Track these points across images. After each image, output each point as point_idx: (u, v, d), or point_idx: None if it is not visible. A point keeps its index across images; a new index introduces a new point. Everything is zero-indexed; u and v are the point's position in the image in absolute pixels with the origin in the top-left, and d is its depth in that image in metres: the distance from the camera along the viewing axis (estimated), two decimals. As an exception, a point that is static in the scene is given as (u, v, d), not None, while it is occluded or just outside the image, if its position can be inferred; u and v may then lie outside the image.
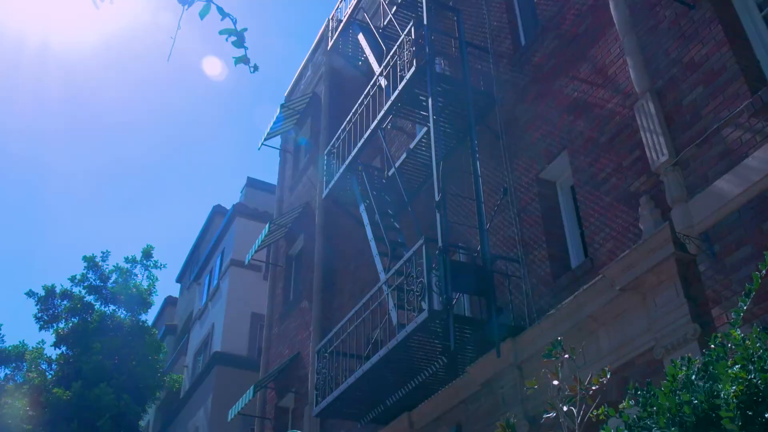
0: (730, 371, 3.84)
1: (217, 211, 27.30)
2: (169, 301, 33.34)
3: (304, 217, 16.83)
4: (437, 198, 8.82)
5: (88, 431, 20.86)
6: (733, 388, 3.75)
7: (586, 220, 8.18)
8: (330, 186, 12.44)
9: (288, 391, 14.85)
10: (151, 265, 26.31)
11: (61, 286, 24.89)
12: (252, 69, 2.87)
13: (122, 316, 24.66)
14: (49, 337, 31.27)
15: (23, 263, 72.27)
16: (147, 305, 25.55)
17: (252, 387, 14.81)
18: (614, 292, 7.11)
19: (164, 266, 27.14)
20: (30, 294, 24.59)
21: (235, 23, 2.85)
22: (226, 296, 21.72)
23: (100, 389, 21.04)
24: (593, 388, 5.24)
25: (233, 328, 21.02)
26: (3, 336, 25.97)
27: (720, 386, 4.02)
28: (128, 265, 25.90)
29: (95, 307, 24.67)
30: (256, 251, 16.57)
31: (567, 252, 8.71)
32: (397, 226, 11.49)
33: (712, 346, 4.59)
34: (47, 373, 23.41)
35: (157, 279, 26.19)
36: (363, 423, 10.70)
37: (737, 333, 3.99)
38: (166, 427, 23.63)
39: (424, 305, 8.28)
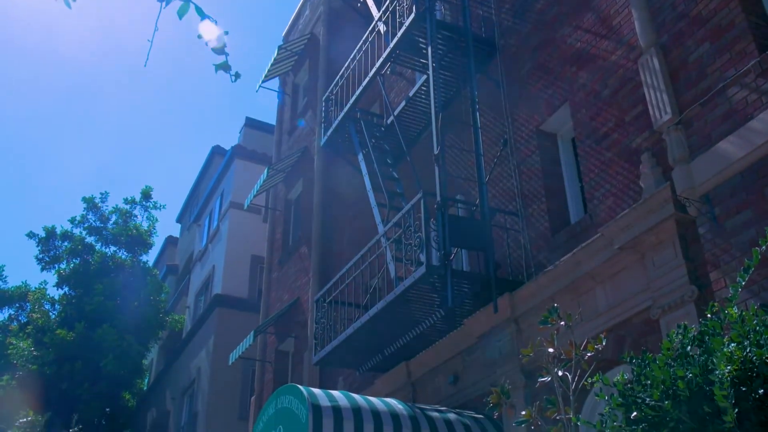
0: (725, 350, 3.82)
1: (216, 151, 27.10)
2: (170, 241, 33.46)
3: (302, 162, 16.70)
4: (436, 151, 8.70)
5: (92, 371, 21.25)
6: (728, 368, 3.73)
7: (586, 175, 8.08)
8: (328, 134, 12.29)
9: (288, 336, 15.02)
10: (151, 206, 26.40)
11: (62, 227, 25.01)
12: (233, 78, 2.74)
13: (123, 257, 24.83)
14: (51, 278, 31.60)
15: (23, 204, 72.34)
16: (147, 246, 25.74)
17: (252, 332, 14.96)
18: (612, 250, 7.07)
19: (163, 207, 27.22)
20: (31, 235, 24.70)
21: (215, 25, 2.71)
22: (225, 238, 21.76)
23: (103, 330, 21.34)
24: (588, 354, 5.26)
25: (233, 271, 21.12)
26: (5, 277, 26.22)
27: (715, 360, 4.01)
28: (128, 207, 25.97)
29: (96, 248, 24.82)
30: (254, 196, 16.50)
31: (566, 206, 8.64)
32: (396, 176, 11.39)
33: (709, 315, 4.57)
34: (50, 314, 23.71)
35: (156, 220, 26.32)
36: (361, 371, 10.84)
37: (734, 311, 3.95)
38: (169, 366, 24.02)
39: (422, 257, 8.26)
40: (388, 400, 8.31)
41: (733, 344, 3.86)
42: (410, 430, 7.72)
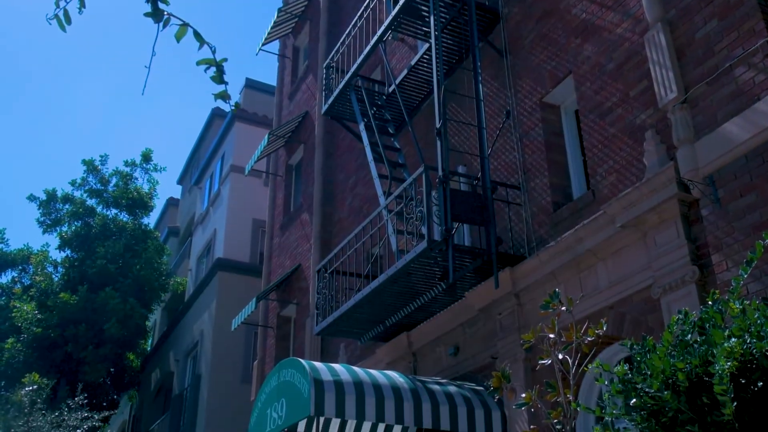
0: (726, 345, 3.82)
1: (217, 113, 26.92)
2: (171, 202, 33.47)
3: (303, 127, 16.60)
4: (438, 125, 8.62)
5: (96, 334, 21.43)
6: (728, 363, 3.74)
7: (589, 150, 8.02)
8: (329, 102, 12.17)
9: (289, 303, 15.11)
10: (151, 168, 26.33)
11: (62, 190, 24.98)
12: (232, 107, 2.66)
13: (124, 219, 24.85)
14: (53, 240, 31.60)
15: (23, 168, 72.21)
16: (148, 209, 25.76)
17: (254, 299, 15.05)
18: (615, 228, 7.06)
19: (164, 169, 27.14)
20: (31, 198, 24.69)
21: (213, 52, 2.62)
22: (227, 203, 21.75)
23: (106, 293, 21.46)
24: (588, 339, 5.28)
25: (235, 235, 21.17)
26: (7, 240, 26.27)
27: (716, 352, 4.02)
28: (128, 169, 25.91)
29: (97, 210, 24.83)
30: (255, 162, 16.43)
31: (569, 181, 8.60)
32: (398, 145, 11.31)
33: (710, 302, 4.58)
34: (53, 276, 23.83)
35: (157, 182, 26.29)
36: (363, 341, 10.93)
37: (735, 306, 3.95)
38: (172, 328, 24.22)
39: (423, 229, 8.26)
40: (390, 373, 8.38)
41: (734, 339, 3.86)
42: (411, 402, 7.80)
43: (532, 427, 5.15)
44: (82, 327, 21.12)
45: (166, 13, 2.59)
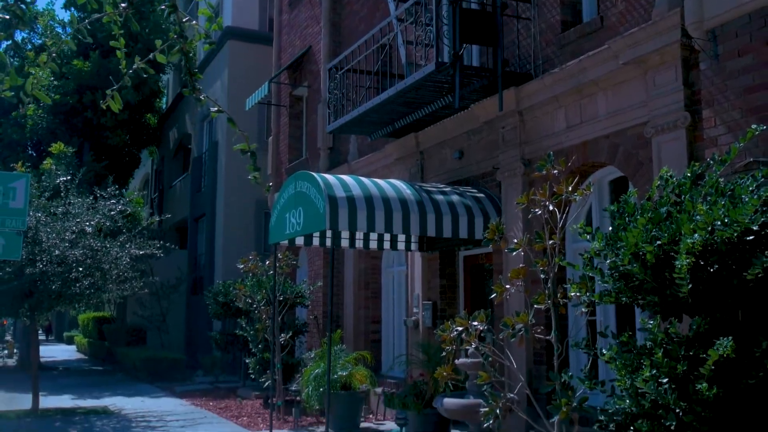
0: (689, 241, 4.37)
1: None
2: (173, -49, 31.98)
3: None
4: (450, -62, 8.34)
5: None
6: (687, 260, 4.33)
7: (602, -29, 7.89)
8: None
9: (300, 85, 15.40)
10: None
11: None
12: (266, 190, 2.88)
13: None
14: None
15: None
16: (149, -44, 24.83)
17: (266, 83, 15.32)
18: (617, 63, 7.25)
19: None
20: (28, -46, 23.74)
21: (247, 139, 2.78)
22: (232, -35, 20.99)
23: (118, 59, 21.59)
24: (576, 198, 5.84)
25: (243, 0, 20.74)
26: (11, 0, 25.62)
27: (683, 231, 4.59)
28: None
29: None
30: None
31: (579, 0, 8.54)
32: (409, -59, 10.86)
33: (689, 174, 5.10)
34: (62, 36, 23.76)
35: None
36: (373, 138, 11.48)
37: (702, 207, 4.42)
38: (185, 86, 24.62)
39: (432, 40, 8.43)
40: (398, 184, 9.05)
41: (697, 235, 4.39)
42: (417, 214, 8.57)
43: (521, 265, 5.90)
44: (99, 93, 21.57)
45: (202, 96, 2.78)
